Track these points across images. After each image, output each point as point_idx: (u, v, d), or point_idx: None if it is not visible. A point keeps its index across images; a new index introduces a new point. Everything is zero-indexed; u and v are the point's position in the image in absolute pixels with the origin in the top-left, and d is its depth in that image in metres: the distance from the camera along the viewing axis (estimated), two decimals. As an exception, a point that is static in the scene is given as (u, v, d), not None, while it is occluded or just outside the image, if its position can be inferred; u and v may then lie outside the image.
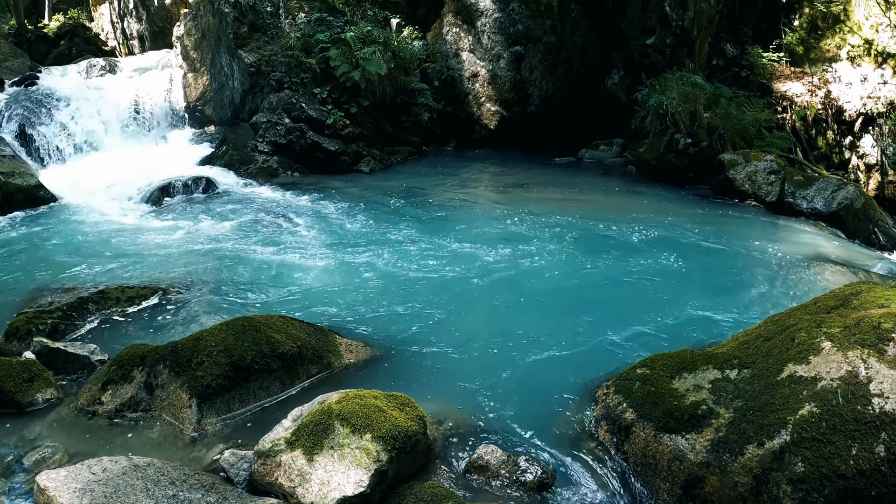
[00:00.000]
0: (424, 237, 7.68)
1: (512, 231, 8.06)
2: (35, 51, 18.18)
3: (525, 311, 5.80)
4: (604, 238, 7.89)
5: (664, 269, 6.98)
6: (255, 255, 7.10)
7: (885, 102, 12.43)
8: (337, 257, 7.02)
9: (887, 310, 3.65)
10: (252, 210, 8.97)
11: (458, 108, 13.85)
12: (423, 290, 6.12)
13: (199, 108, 13.44)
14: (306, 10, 13.30)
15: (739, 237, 8.42)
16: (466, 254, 7.13)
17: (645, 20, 13.53)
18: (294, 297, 5.94)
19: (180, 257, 7.03)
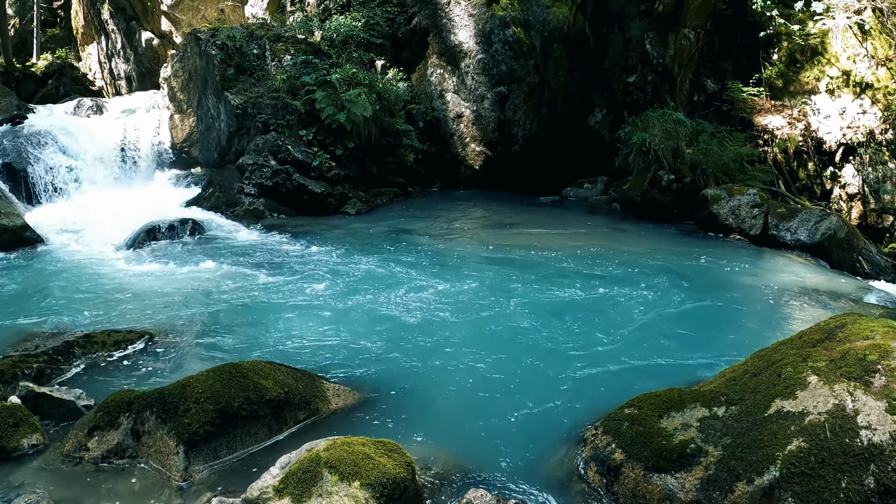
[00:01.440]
0: (411, 279, 7.68)
1: (497, 272, 8.07)
2: (23, 89, 18.27)
3: (511, 351, 5.79)
4: (589, 277, 7.91)
5: (650, 306, 7.01)
6: (242, 298, 7.08)
7: (865, 132, 12.63)
8: (323, 301, 7.01)
9: (872, 341, 3.68)
10: (238, 253, 8.96)
11: (443, 148, 13.94)
12: (409, 333, 6.11)
13: (185, 149, 13.49)
14: (292, 52, 13.42)
15: (724, 271, 8.46)
16: (452, 296, 7.13)
17: (626, 59, 13.75)
18: (281, 340, 5.92)
19: (167, 301, 7.00)
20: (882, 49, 12.80)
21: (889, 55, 12.76)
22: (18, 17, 24.35)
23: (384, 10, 14.02)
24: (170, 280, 7.79)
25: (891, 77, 12.66)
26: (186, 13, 18.38)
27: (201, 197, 11.67)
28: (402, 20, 14.24)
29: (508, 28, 13.01)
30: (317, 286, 7.47)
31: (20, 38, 23.62)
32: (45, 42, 23.36)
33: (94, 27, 21.79)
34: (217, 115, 12.92)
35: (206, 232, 10.05)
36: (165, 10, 18.58)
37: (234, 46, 13.13)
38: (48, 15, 24.57)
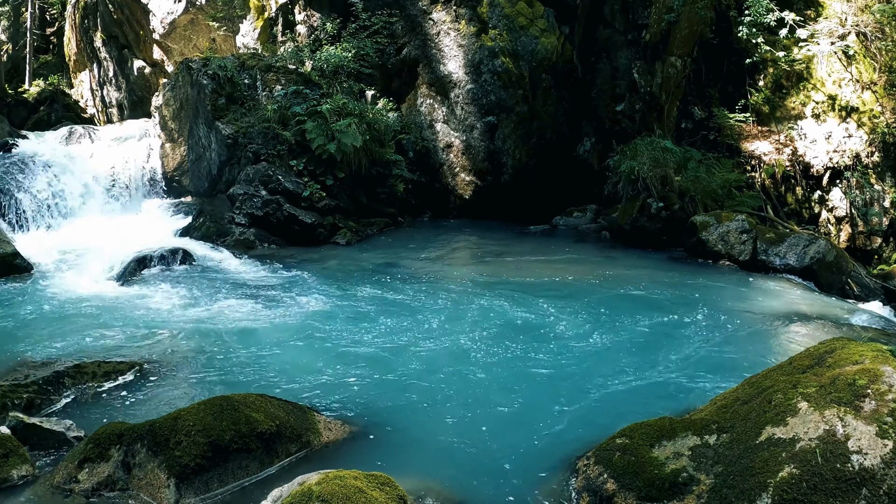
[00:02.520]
0: (401, 310, 7.67)
1: (488, 302, 8.07)
2: (15, 115, 18.30)
3: (502, 381, 5.79)
4: (579, 306, 7.92)
5: (641, 334, 7.03)
6: (233, 329, 7.06)
7: (851, 155, 12.74)
8: (314, 332, 6.99)
9: (861, 366, 3.71)
10: (229, 283, 8.94)
11: (433, 178, 14.00)
12: (400, 364, 6.10)
13: (176, 178, 13.52)
14: (283, 82, 13.51)
15: (714, 298, 8.50)
16: (443, 327, 7.13)
17: (614, 87, 13.89)
18: (272, 372, 5.90)
19: (157, 332, 6.96)
20: (867, 73, 12.96)
21: (874, 79, 12.93)
22: (11, 44, 24.49)
23: (374, 40, 14.14)
24: (160, 310, 7.77)
25: (876, 100, 12.81)
26: (178, 42, 18.49)
27: (192, 226, 11.67)
28: (392, 51, 14.37)
29: (497, 58, 13.15)
30: (307, 318, 7.45)
31: (13, 64, 23.74)
32: (37, 68, 23.47)
33: (86, 55, 21.91)
34: (208, 145, 12.96)
35: (196, 262, 10.03)
36: (157, 38, 18.69)
37: (225, 76, 13.21)
38: (41, 42, 24.71)
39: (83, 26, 21.59)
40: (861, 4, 12.91)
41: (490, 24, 13.30)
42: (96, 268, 9.67)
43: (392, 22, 14.21)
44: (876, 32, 12.74)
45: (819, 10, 13.69)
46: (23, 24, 24.06)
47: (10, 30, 24.76)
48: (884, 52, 12.72)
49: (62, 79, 23.19)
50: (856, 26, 12.86)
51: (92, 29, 21.28)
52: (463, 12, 13.54)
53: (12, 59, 24.04)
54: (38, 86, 21.70)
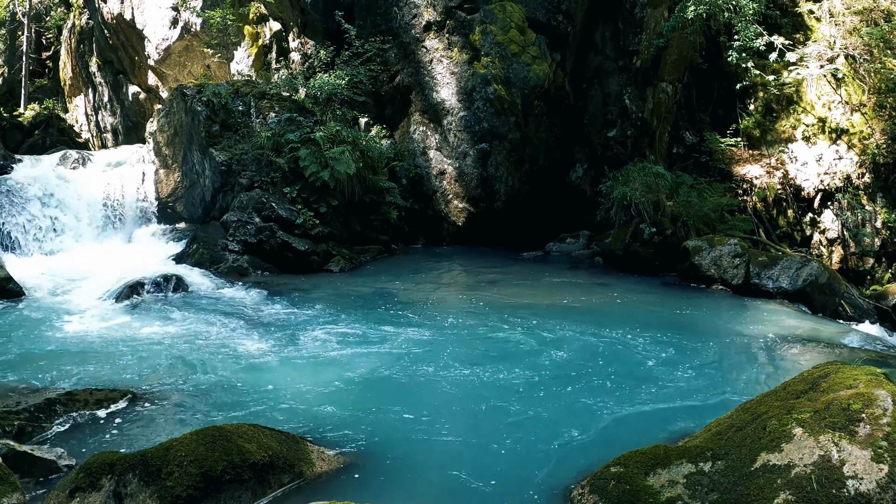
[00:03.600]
0: (395, 339, 7.64)
1: (481, 330, 8.04)
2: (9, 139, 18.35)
3: (497, 409, 5.76)
4: (573, 332, 7.91)
5: (635, 360, 7.02)
6: (226, 358, 7.02)
7: (842, 177, 12.85)
8: (307, 360, 6.96)
9: (856, 390, 3.71)
10: (222, 311, 8.92)
11: (426, 205, 14.03)
12: (394, 394, 6.07)
13: (170, 204, 13.52)
14: (277, 109, 13.58)
15: (708, 323, 8.51)
16: (437, 355, 7.10)
17: (606, 114, 14.00)
18: (264, 402, 5.86)
19: (149, 359, 6.93)
20: (856, 95, 13.11)
21: (863, 100, 13.07)
22: (7, 67, 24.61)
23: (367, 68, 14.23)
24: (153, 337, 7.73)
25: (865, 122, 12.94)
26: (173, 68, 18.60)
27: (185, 253, 11.65)
28: (385, 78, 14.46)
29: (490, 86, 13.24)
30: (300, 346, 7.42)
31: (8, 87, 23.86)
32: (32, 92, 23.59)
33: (81, 79, 22.03)
34: (202, 171, 12.99)
35: (189, 289, 10.00)
36: (152, 64, 18.80)
37: (219, 103, 13.26)
38: (37, 65, 24.85)
39: (79, 51, 21.74)
40: (849, 27, 13.09)
41: (482, 52, 13.41)
42: (89, 293, 9.64)
43: (385, 49, 14.31)
44: (864, 55, 12.90)
45: (808, 33, 13.87)
46: (19, 47, 24.20)
47: (6, 53, 24.89)
48: (872, 74, 12.87)
49: (57, 103, 23.31)
50: (844, 49, 13.03)
51: (87, 54, 21.42)
52: (455, 40, 13.66)
53: (8, 82, 24.16)
54: (34, 109, 21.80)
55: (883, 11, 13.24)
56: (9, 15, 24.30)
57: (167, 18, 17.87)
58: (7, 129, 19.31)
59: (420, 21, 13.98)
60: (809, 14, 14.02)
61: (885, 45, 12.83)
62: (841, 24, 13.17)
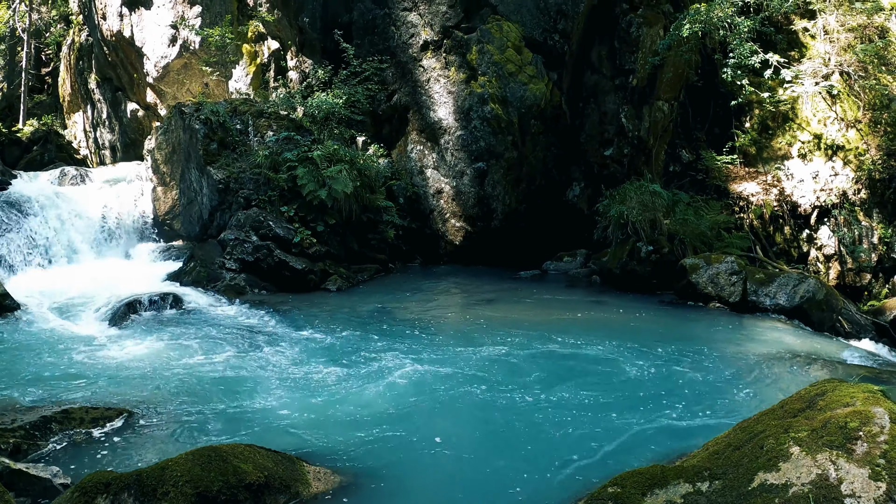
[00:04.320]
0: (392, 359, 7.62)
1: (478, 349, 8.03)
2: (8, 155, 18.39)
3: (493, 429, 5.75)
4: (569, 351, 7.91)
5: (632, 379, 7.01)
6: (222, 377, 7.00)
7: (838, 193, 12.91)
8: (304, 380, 6.94)
9: (853, 408, 3.71)
10: (219, 329, 8.90)
11: (423, 224, 14.04)
12: (391, 413, 6.04)
13: (167, 222, 13.54)
14: (274, 128, 13.62)
15: (705, 341, 8.50)
16: (434, 375, 7.08)
17: (602, 132, 14.06)
18: (261, 421, 5.84)
19: (145, 378, 6.91)
20: (851, 111, 13.18)
21: (858, 117, 13.14)
22: (6, 83, 24.69)
23: (365, 87, 14.30)
24: (149, 356, 7.71)
25: (861, 138, 13.01)
26: (171, 86, 18.66)
27: (183, 271, 11.65)
28: (382, 97, 14.52)
29: (487, 105, 13.30)
30: (297, 366, 7.40)
31: (7, 102, 23.92)
32: (31, 108, 23.65)
33: (80, 96, 22.08)
34: (199, 189, 13.00)
35: (186, 307, 9.99)
36: (151, 82, 18.86)
37: (217, 121, 13.30)
38: (36, 81, 24.93)
39: (78, 67, 21.81)
40: (844, 44, 13.19)
41: (479, 71, 13.47)
42: (86, 310, 9.63)
43: (383, 69, 14.38)
44: (859, 71, 12.99)
45: (803, 50, 13.98)
46: (18, 63, 24.29)
47: (6, 69, 24.99)
48: (867, 91, 12.96)
49: (56, 119, 23.37)
50: (839, 66, 13.12)
51: (86, 70, 21.50)
52: (453, 59, 13.73)
53: (7, 97, 24.24)
54: (32, 125, 21.85)
55: (877, 28, 13.35)
56: (8, 31, 24.41)
57: (166, 36, 17.97)
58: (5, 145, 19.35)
59: (417, 40, 14.07)
60: (804, 31, 14.14)
61: (880, 62, 12.93)
62: (836, 41, 13.28)
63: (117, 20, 18.84)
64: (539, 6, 13.63)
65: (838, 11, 13.20)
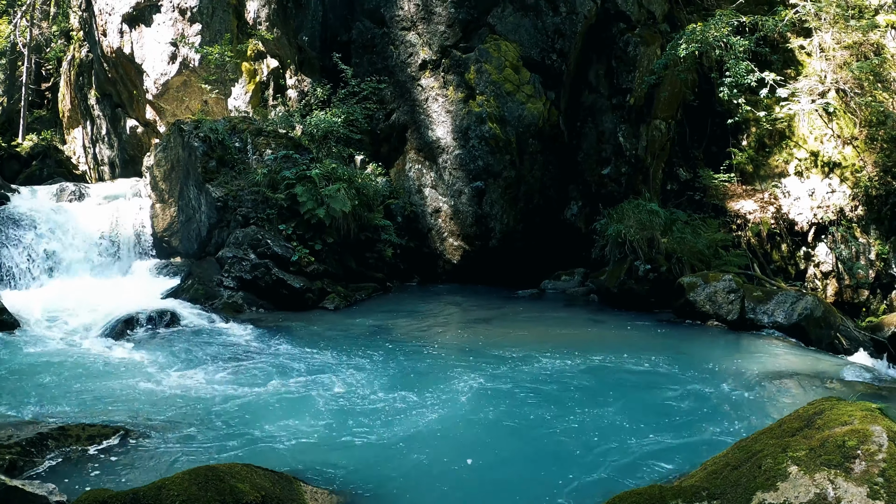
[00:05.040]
0: (390, 378, 7.61)
1: (476, 370, 7.99)
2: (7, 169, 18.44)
3: (490, 450, 5.74)
4: (567, 371, 7.88)
5: (630, 398, 7.00)
6: (219, 395, 6.99)
7: (835, 210, 12.95)
8: (301, 399, 6.92)
9: (851, 427, 3.71)
10: (216, 347, 8.89)
11: (421, 243, 14.04)
12: (389, 434, 6.02)
13: (166, 238, 13.53)
14: (273, 146, 13.65)
15: (703, 360, 8.49)
16: (432, 395, 7.06)
17: (600, 151, 14.11)
18: (258, 440, 5.82)
19: (142, 395, 6.90)
20: (847, 128, 13.26)
21: (854, 133, 13.21)
22: (6, 97, 24.78)
23: (364, 106, 14.35)
24: (146, 373, 7.70)
25: (857, 155, 13.07)
26: (171, 103, 18.72)
27: (180, 288, 11.63)
28: (381, 116, 14.58)
29: (485, 124, 13.36)
30: (295, 383, 7.38)
31: (7, 117, 23.99)
32: (31, 123, 23.72)
33: (80, 111, 22.14)
34: (198, 207, 13.01)
35: (184, 324, 9.97)
36: (151, 98, 18.92)
37: (216, 139, 13.32)
38: (36, 96, 25.01)
39: (78, 83, 21.89)
40: (840, 62, 13.27)
41: (478, 91, 13.54)
42: (83, 327, 9.62)
43: (381, 88, 14.45)
44: (855, 88, 13.07)
45: (799, 68, 14.08)
46: (18, 77, 24.39)
47: (6, 83, 25.09)
48: (863, 108, 13.03)
49: (55, 134, 23.43)
50: (835, 83, 13.19)
51: (86, 86, 21.57)
52: (451, 78, 13.80)
53: (7, 112, 24.31)
54: (32, 140, 21.92)
55: (873, 45, 13.45)
56: (9, 45, 24.53)
57: (166, 53, 18.04)
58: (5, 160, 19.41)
59: (416, 60, 14.15)
60: (800, 49, 14.24)
61: (876, 79, 13.01)
62: (831, 58, 13.36)
63: (117, 37, 18.94)
64: (537, 26, 13.72)
65: (834, 29, 13.30)
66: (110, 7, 18.97)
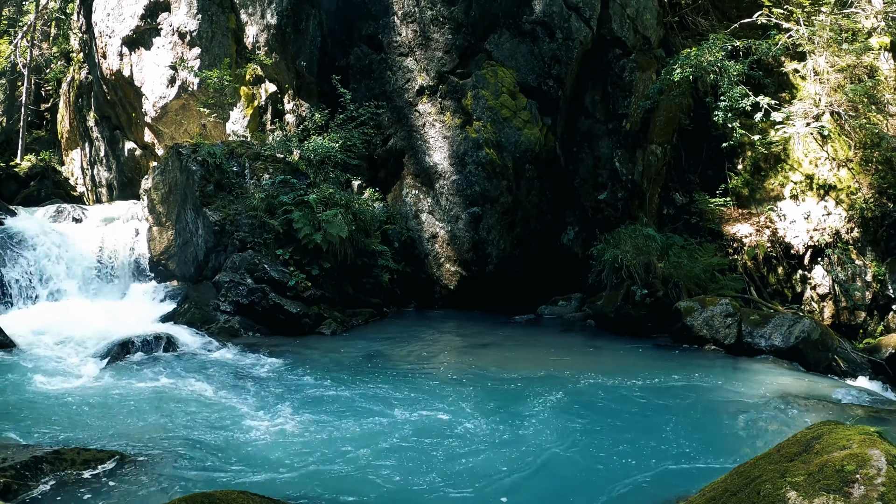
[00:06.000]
0: (386, 404, 7.57)
1: (472, 395, 7.98)
2: (5, 189, 18.45)
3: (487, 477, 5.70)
4: (564, 398, 7.85)
5: (628, 424, 6.98)
6: (215, 420, 6.95)
7: (831, 233, 13.01)
8: (297, 424, 6.88)
9: (849, 451, 3.70)
10: (212, 372, 8.85)
11: (418, 268, 14.02)
12: (384, 461, 5.98)
13: (162, 261, 13.52)
14: (271, 171, 13.68)
15: (701, 384, 8.48)
16: (429, 423, 7.02)
17: (596, 176, 14.16)
18: (253, 466, 5.78)
19: (138, 419, 6.86)
20: (842, 151, 13.34)
21: (849, 156, 13.30)
22: (6, 117, 24.88)
23: (361, 131, 14.40)
24: (141, 397, 7.66)
25: (852, 177, 13.15)
26: (169, 126, 18.77)
27: (177, 312, 11.61)
28: (378, 141, 14.64)
29: (482, 150, 13.42)
30: (290, 409, 7.34)
31: (6, 137, 24.07)
32: (30, 143, 23.79)
33: (78, 133, 22.19)
34: (195, 230, 13.02)
35: (180, 348, 9.94)
36: (149, 121, 18.97)
37: (214, 163, 13.35)
38: (35, 117, 25.10)
39: (77, 105, 21.96)
40: (834, 85, 13.40)
41: (474, 116, 13.62)
42: (78, 350, 9.60)
43: (379, 113, 14.51)
44: (849, 111, 13.18)
45: (793, 92, 14.21)
46: (18, 98, 24.50)
47: (6, 103, 25.20)
48: (858, 130, 13.14)
49: (54, 155, 23.48)
50: (829, 106, 13.31)
51: (85, 108, 21.64)
52: (448, 104, 13.88)
53: (6, 132, 24.40)
54: (30, 161, 21.97)
55: (866, 68, 13.59)
56: (9, 66, 24.66)
57: (165, 77, 18.13)
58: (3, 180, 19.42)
59: (413, 85, 14.24)
60: (794, 73, 14.38)
61: (870, 101, 13.14)
62: (826, 81, 13.48)
63: (117, 59, 19.05)
64: (533, 52, 13.83)
65: (827, 52, 13.44)
66: (110, 30, 19.10)
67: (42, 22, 25.07)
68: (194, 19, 17.45)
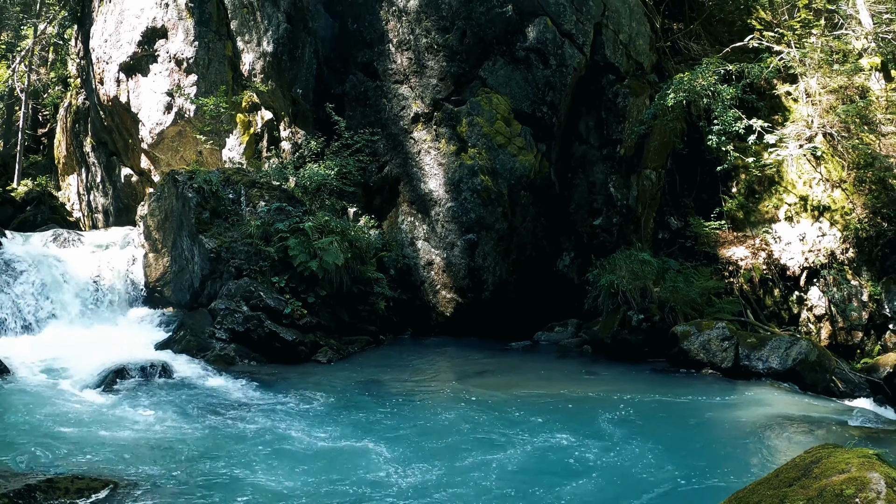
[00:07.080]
0: (382, 432, 7.54)
1: (469, 424, 7.93)
2: (1, 214, 18.37)
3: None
4: (562, 425, 7.79)
5: (625, 451, 6.96)
6: (209, 449, 6.90)
7: (826, 254, 13.04)
8: (293, 453, 6.85)
9: (848, 475, 3.68)
10: (207, 400, 8.80)
11: (414, 295, 13.99)
12: (380, 491, 5.95)
13: (158, 288, 13.49)
14: (267, 198, 13.70)
15: (699, 409, 8.46)
16: (424, 450, 7.00)
17: (591, 202, 14.21)
18: (247, 496, 5.75)
19: (132, 448, 6.82)
20: (836, 171, 13.41)
21: (843, 176, 13.36)
22: (2, 142, 24.92)
23: (357, 158, 14.42)
24: (136, 425, 7.61)
25: (846, 197, 13.20)
26: (166, 153, 18.81)
27: (172, 339, 11.56)
28: (373, 168, 14.67)
29: (477, 177, 13.46)
30: (286, 438, 7.30)
31: (2, 161, 24.11)
32: (26, 168, 23.82)
33: (75, 158, 22.23)
34: (191, 258, 13.01)
35: (175, 376, 9.89)
36: (146, 148, 19.02)
37: (210, 190, 13.36)
38: (32, 142, 25.17)
39: (74, 130, 22.02)
40: (826, 106, 13.50)
41: (469, 143, 13.68)
42: (74, 376, 9.53)
43: (374, 140, 14.55)
44: (842, 132, 13.26)
45: (786, 114, 14.31)
46: (15, 122, 24.57)
47: (3, 128, 25.29)
48: (851, 151, 13.21)
49: (50, 180, 23.50)
50: (822, 127, 13.39)
51: (82, 134, 21.70)
52: (443, 131, 13.95)
53: (2, 156, 24.43)
54: (27, 185, 21.98)
55: (858, 88, 13.70)
56: (7, 90, 24.75)
57: (161, 103, 18.19)
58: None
59: (408, 113, 14.31)
60: (786, 95, 14.49)
61: (862, 121, 13.23)
62: (818, 103, 13.58)
63: (114, 85, 19.13)
64: (527, 79, 13.93)
65: (819, 74, 13.55)
66: (108, 56, 19.20)
67: (40, 47, 25.22)
68: (191, 46, 17.56)
